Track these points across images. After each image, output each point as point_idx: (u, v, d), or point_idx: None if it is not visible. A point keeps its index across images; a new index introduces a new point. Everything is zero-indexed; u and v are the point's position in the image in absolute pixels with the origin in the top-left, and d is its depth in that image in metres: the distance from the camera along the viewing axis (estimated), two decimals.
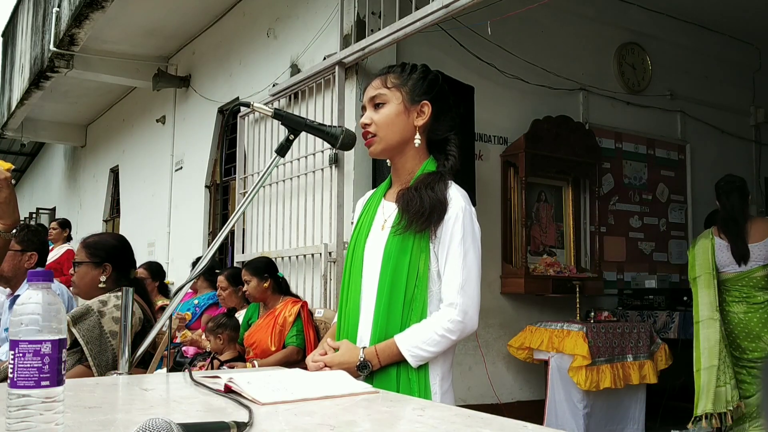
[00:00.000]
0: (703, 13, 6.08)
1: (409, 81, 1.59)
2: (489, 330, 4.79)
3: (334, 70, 4.28)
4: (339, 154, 4.25)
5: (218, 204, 6.37)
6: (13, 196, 1.80)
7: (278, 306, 3.66)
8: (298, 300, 3.74)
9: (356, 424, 1.03)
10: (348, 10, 4.35)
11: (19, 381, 0.82)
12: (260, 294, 3.70)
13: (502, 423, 1.00)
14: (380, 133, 1.58)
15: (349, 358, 1.49)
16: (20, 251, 2.94)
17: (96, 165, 9.99)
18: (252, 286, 3.68)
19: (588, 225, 5.38)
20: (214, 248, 1.53)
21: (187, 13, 6.22)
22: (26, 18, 9.10)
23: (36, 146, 13.63)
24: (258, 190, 1.55)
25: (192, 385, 1.28)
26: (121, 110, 9.05)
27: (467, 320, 1.49)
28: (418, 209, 1.50)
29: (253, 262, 3.87)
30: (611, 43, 5.81)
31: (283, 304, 3.66)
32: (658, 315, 4.65)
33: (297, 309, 3.59)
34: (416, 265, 1.50)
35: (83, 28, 6.34)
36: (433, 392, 1.49)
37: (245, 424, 0.92)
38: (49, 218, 12.46)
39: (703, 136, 6.34)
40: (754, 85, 6.75)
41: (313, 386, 1.23)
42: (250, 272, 3.71)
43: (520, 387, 4.94)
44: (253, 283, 3.68)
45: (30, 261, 2.98)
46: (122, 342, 1.48)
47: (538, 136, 4.92)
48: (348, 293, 1.61)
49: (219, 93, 6.19)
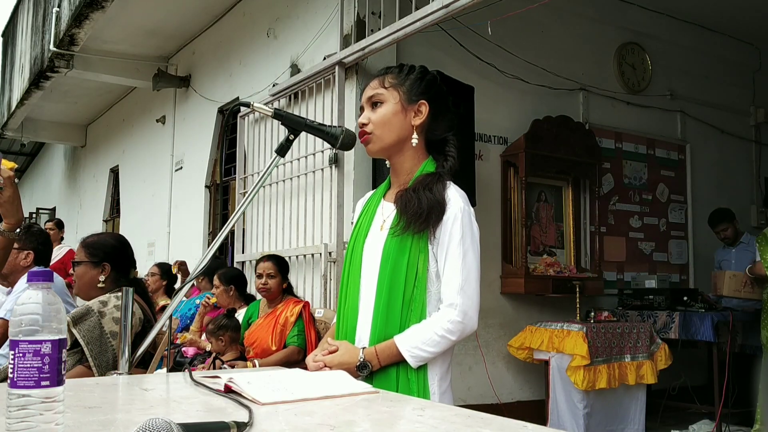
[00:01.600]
0: (703, 13, 6.08)
1: (407, 81, 1.59)
2: (489, 330, 4.79)
3: (334, 70, 4.28)
4: (339, 154, 4.25)
5: (218, 204, 6.37)
6: (16, 195, 1.81)
7: (280, 306, 3.65)
8: (299, 300, 3.73)
9: (356, 424, 1.03)
10: (348, 10, 4.35)
11: (19, 381, 0.82)
12: (278, 292, 3.68)
13: (502, 423, 1.00)
14: (377, 132, 1.58)
15: (349, 358, 1.49)
16: (17, 249, 2.97)
17: (96, 165, 9.99)
18: (276, 282, 3.65)
19: (588, 225, 5.38)
20: (214, 248, 1.53)
21: (187, 13, 6.22)
22: (26, 18, 9.10)
23: (36, 146, 13.63)
24: (258, 190, 1.55)
25: (192, 385, 1.28)
26: (121, 110, 9.05)
27: (467, 321, 1.49)
28: (417, 210, 1.50)
29: (280, 258, 3.82)
30: (611, 43, 5.81)
31: (284, 304, 3.65)
32: (658, 315, 4.65)
33: (299, 309, 3.59)
34: (415, 266, 1.50)
35: (83, 28, 6.34)
36: (432, 392, 1.49)
37: (245, 424, 0.92)
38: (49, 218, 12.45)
39: (703, 136, 6.34)
40: (754, 85, 6.75)
41: (313, 386, 1.23)
42: (277, 268, 3.67)
43: (520, 387, 4.94)
44: (277, 279, 3.65)
45: (26, 259, 3.02)
46: (122, 342, 1.49)
47: (538, 136, 4.92)
48: (347, 293, 1.61)
49: (219, 93, 6.19)
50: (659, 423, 4.72)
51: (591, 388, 4.07)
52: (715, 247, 5.58)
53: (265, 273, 3.66)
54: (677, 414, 4.86)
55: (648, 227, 5.89)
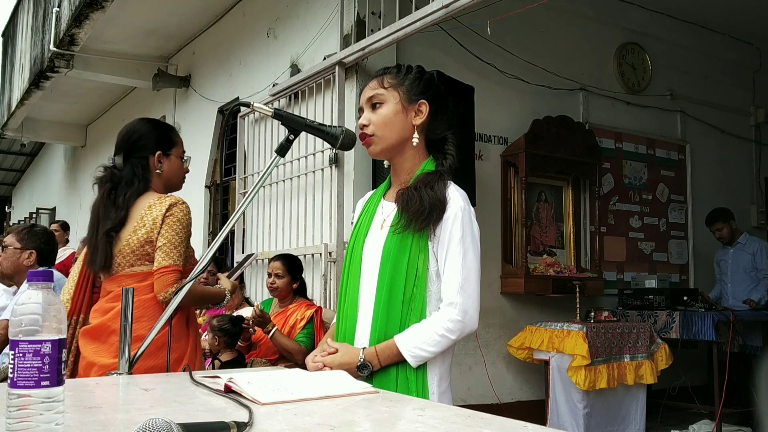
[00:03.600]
0: (703, 13, 6.08)
1: (406, 81, 1.60)
2: (489, 330, 4.79)
3: (334, 70, 4.28)
4: (339, 154, 4.25)
5: (218, 204, 6.37)
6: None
7: (291, 306, 3.61)
8: (312, 305, 3.64)
9: (356, 424, 1.03)
10: (348, 10, 4.35)
11: (19, 381, 0.82)
12: (286, 292, 3.60)
13: (502, 423, 1.00)
14: (378, 133, 1.58)
15: (349, 358, 1.49)
16: (19, 249, 2.98)
17: (96, 165, 9.89)
18: (284, 282, 3.58)
19: (588, 225, 5.38)
20: (214, 248, 1.53)
21: (187, 13, 6.22)
22: (26, 18, 9.10)
23: (36, 146, 13.62)
24: (258, 190, 1.55)
25: (192, 385, 1.28)
26: (121, 110, 9.04)
27: (467, 320, 1.49)
28: (417, 208, 1.50)
29: (291, 258, 3.74)
30: (611, 43, 5.81)
31: (296, 305, 3.58)
32: (658, 315, 4.65)
33: (311, 314, 3.50)
34: (415, 265, 1.50)
35: (83, 28, 6.33)
36: (431, 392, 1.49)
37: (245, 424, 0.92)
38: (49, 218, 12.44)
39: (703, 136, 6.34)
40: (754, 85, 6.75)
41: (313, 386, 1.23)
42: (286, 268, 3.59)
43: (520, 387, 4.94)
44: (286, 279, 3.58)
45: (29, 259, 3.02)
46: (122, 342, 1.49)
47: (538, 136, 4.92)
48: (347, 293, 1.61)
49: (219, 93, 6.19)
50: (659, 423, 4.72)
51: (591, 389, 4.07)
52: (715, 247, 5.59)
53: (273, 273, 3.64)
54: (677, 414, 4.86)
55: (648, 227, 5.89)
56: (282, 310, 3.61)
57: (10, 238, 3.04)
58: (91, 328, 2.06)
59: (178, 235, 2.03)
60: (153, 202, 2.05)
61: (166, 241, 2.01)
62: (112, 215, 2.04)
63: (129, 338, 1.48)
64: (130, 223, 2.04)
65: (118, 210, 2.05)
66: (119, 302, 1.63)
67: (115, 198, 2.07)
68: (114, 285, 2.05)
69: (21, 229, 3.08)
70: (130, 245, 2.02)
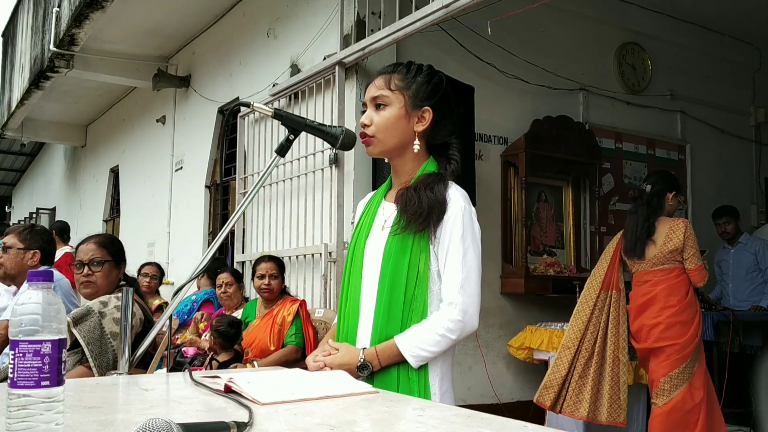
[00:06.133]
0: (703, 13, 6.08)
1: (413, 84, 1.57)
2: (489, 330, 4.79)
3: (334, 70, 4.28)
4: (339, 154, 4.25)
5: (218, 204, 6.37)
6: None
7: (276, 305, 3.65)
8: (296, 299, 3.74)
9: (356, 424, 1.03)
10: (348, 10, 4.35)
11: (19, 381, 0.82)
12: (278, 292, 3.73)
13: (502, 423, 1.00)
14: (378, 135, 1.57)
15: (349, 359, 1.49)
16: (23, 249, 2.96)
17: (96, 165, 9.99)
18: (278, 282, 3.71)
19: (588, 225, 5.38)
20: (214, 248, 1.53)
21: (187, 13, 6.22)
22: (26, 18, 9.10)
23: (36, 146, 13.62)
24: (258, 190, 1.55)
25: (192, 385, 1.28)
26: (121, 110, 9.05)
27: (467, 319, 1.48)
28: (417, 209, 1.50)
29: (278, 258, 3.88)
30: (611, 43, 5.81)
31: (281, 303, 3.66)
32: None
33: (296, 308, 3.60)
34: (416, 265, 1.50)
35: (83, 28, 6.34)
36: (432, 392, 1.48)
37: (245, 424, 0.92)
38: (49, 218, 12.45)
39: (703, 136, 6.34)
40: (754, 85, 6.75)
41: (313, 386, 1.23)
42: (279, 269, 3.73)
43: (520, 387, 4.94)
44: (279, 279, 3.72)
45: (33, 259, 3.01)
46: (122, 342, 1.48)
47: (538, 136, 4.92)
48: (348, 294, 1.61)
49: (219, 93, 6.19)
50: None
51: None
52: (715, 247, 5.58)
53: (267, 273, 3.67)
54: None
55: None
56: (268, 311, 3.64)
57: (11, 238, 3.02)
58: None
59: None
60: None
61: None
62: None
63: (129, 338, 1.48)
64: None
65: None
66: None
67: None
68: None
69: (22, 230, 3.05)
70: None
